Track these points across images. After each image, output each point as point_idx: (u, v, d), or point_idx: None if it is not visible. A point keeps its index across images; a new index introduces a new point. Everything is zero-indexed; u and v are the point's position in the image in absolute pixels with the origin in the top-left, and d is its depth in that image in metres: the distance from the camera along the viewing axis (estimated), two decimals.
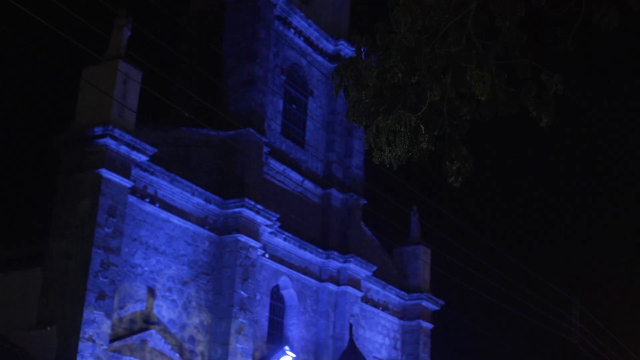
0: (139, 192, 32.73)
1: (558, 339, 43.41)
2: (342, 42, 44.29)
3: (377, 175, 45.90)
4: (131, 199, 32.08)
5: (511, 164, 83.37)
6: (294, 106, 42.52)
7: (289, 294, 40.51)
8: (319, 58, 43.99)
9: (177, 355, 33.33)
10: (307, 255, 41.00)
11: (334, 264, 42.10)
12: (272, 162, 39.61)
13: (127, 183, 31.08)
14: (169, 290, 33.72)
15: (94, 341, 29.07)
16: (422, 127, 10.36)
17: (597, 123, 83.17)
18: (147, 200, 33.07)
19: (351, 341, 31.69)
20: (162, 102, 29.41)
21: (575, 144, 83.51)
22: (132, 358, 31.52)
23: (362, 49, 11.02)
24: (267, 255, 38.47)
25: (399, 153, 10.36)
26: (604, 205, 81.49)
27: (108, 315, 29.77)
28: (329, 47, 44.35)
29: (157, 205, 33.46)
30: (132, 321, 31.94)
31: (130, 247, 32.22)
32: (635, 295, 75.50)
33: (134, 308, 32.12)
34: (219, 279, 35.62)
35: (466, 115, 10.76)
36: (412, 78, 10.37)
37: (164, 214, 33.80)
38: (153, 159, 32.39)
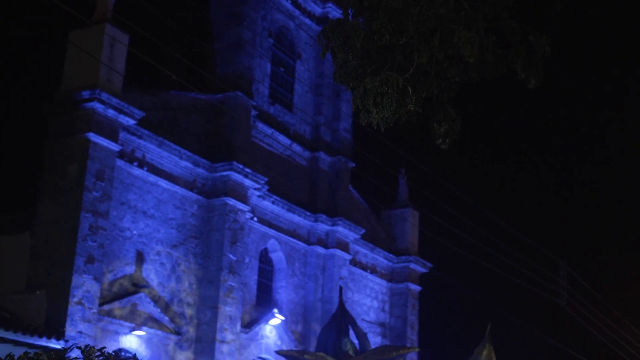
0: (127, 156, 32.68)
1: (546, 301, 43.60)
2: (330, 4, 44.10)
3: (365, 138, 45.90)
4: (119, 162, 32.04)
5: (499, 126, 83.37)
6: (282, 69, 42.43)
7: (278, 257, 40.62)
8: (307, 21, 43.82)
9: (166, 318, 33.44)
10: (296, 218, 41.09)
11: (322, 227, 42.20)
12: (260, 126, 39.57)
13: (115, 147, 31.03)
14: (158, 253, 33.76)
15: (83, 305, 29.13)
16: (410, 89, 10.36)
17: (586, 85, 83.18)
18: (135, 164, 33.03)
19: (341, 303, 31.74)
20: (150, 66, 29.26)
21: (564, 107, 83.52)
22: (121, 321, 31.60)
23: (349, 11, 10.99)
24: (255, 219, 38.53)
25: (387, 115, 10.36)
26: (593, 168, 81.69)
27: (97, 279, 29.82)
28: (317, 9, 44.18)
29: (145, 169, 33.43)
30: (121, 285, 31.99)
31: (118, 211, 32.23)
32: (623, 258, 75.96)
33: (123, 272, 32.16)
34: (208, 243, 35.68)
35: (454, 77, 10.77)
36: (399, 40, 10.35)
37: (152, 178, 33.78)
38: (141, 122, 32.33)
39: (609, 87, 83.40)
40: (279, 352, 31.76)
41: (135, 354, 15.10)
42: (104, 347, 14.59)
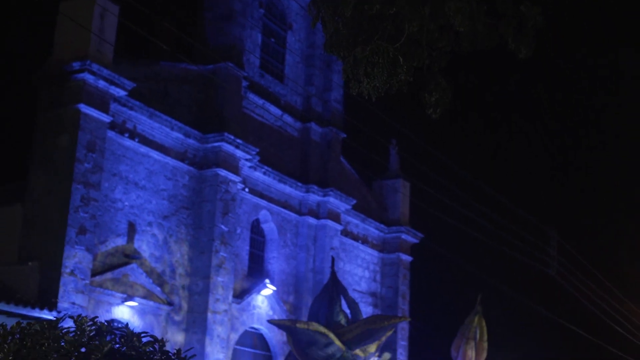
0: (118, 127, 32.65)
1: (536, 271, 43.72)
2: None
3: (356, 109, 45.83)
4: (110, 134, 32.01)
5: (491, 96, 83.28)
6: (273, 40, 42.32)
7: (269, 227, 40.68)
8: None
9: (158, 289, 33.53)
10: (287, 189, 41.12)
11: (314, 197, 42.25)
12: (252, 96, 39.52)
13: (106, 118, 31.00)
14: (150, 224, 33.81)
15: (75, 276, 29.20)
16: (401, 59, 10.36)
17: (582, 70, 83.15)
18: (126, 135, 33.01)
19: (332, 273, 31.80)
20: (141, 37, 29.23)
21: (559, 91, 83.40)
22: (113, 292, 31.69)
23: None
24: (247, 190, 38.55)
25: (377, 84, 10.36)
26: (584, 137, 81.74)
27: (89, 250, 29.87)
28: None
29: (137, 140, 33.41)
30: (113, 256, 32.05)
31: (110, 182, 32.23)
32: (614, 228, 76.16)
33: (115, 243, 32.22)
34: (199, 213, 35.73)
35: (445, 46, 10.77)
36: (390, 9, 10.33)
37: (143, 149, 33.76)
38: (132, 93, 32.27)
39: (605, 71, 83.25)
40: (270, 322, 31.84)
41: (127, 324, 15.15)
42: (96, 317, 14.63)
